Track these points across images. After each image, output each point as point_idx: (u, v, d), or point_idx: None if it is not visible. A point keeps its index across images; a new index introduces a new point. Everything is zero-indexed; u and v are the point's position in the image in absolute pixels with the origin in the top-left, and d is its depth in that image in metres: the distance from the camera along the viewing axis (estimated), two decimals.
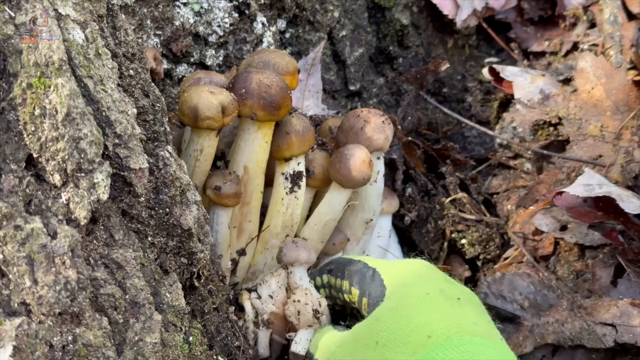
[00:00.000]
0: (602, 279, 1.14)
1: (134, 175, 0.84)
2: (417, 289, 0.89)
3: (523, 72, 1.48)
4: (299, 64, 1.33)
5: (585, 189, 1.16)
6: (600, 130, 1.33)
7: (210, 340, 0.95)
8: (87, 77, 0.80)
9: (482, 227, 1.30)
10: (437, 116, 1.53)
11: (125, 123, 0.83)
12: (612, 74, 1.36)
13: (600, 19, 1.49)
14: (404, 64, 1.50)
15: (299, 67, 1.32)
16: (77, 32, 0.81)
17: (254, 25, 1.27)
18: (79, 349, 0.74)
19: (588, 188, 1.16)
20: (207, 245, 0.95)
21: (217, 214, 1.07)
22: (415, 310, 0.85)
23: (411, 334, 0.83)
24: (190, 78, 1.08)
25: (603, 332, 1.05)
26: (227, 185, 1.04)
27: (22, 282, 0.70)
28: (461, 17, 1.51)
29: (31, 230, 0.71)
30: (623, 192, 1.15)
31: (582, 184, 1.17)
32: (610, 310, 1.07)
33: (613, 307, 1.07)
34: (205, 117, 0.98)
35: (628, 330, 1.03)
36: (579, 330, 1.07)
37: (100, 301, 0.78)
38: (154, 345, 0.81)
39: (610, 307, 1.07)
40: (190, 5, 1.20)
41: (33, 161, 0.75)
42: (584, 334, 1.06)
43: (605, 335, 1.05)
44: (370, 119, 1.10)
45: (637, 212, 1.12)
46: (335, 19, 1.38)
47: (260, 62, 1.06)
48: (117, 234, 0.83)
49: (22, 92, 0.74)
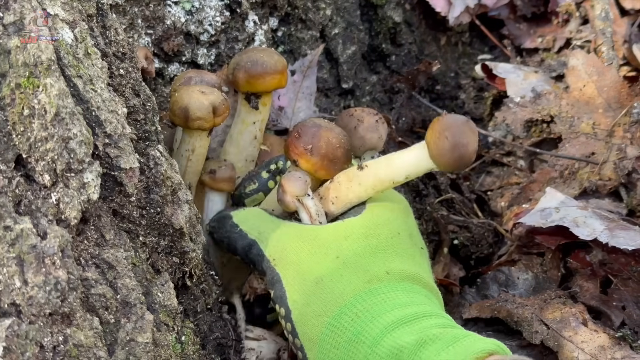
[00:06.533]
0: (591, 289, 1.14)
1: (125, 174, 0.84)
2: (391, 226, 0.94)
3: (516, 69, 1.48)
4: (295, 65, 1.33)
5: (542, 216, 1.15)
6: (593, 128, 1.33)
7: (203, 340, 0.95)
8: (76, 76, 0.80)
9: (473, 226, 1.30)
10: (430, 114, 1.53)
11: (116, 122, 0.83)
12: (603, 71, 1.36)
13: (592, 15, 1.49)
14: (397, 62, 1.50)
15: (295, 69, 1.32)
16: (66, 31, 0.81)
17: (246, 23, 1.27)
18: (69, 350, 0.74)
19: (545, 214, 1.15)
20: (199, 245, 0.95)
21: (212, 200, 1.07)
22: (383, 245, 0.91)
23: (372, 265, 0.88)
24: (181, 77, 1.08)
25: (536, 330, 1.05)
26: (222, 169, 1.05)
27: (12, 282, 0.70)
28: (454, 14, 1.51)
29: (21, 230, 0.71)
30: (581, 214, 1.15)
31: (540, 209, 1.17)
32: (555, 313, 1.07)
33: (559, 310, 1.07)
34: (196, 117, 0.98)
35: (555, 337, 1.04)
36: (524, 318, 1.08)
37: (91, 301, 0.78)
38: (145, 345, 0.81)
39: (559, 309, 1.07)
40: (182, 4, 1.19)
41: (22, 161, 0.75)
42: (524, 324, 1.07)
43: (537, 333, 1.05)
44: (364, 118, 1.10)
45: (590, 238, 1.11)
46: (327, 17, 1.38)
47: (248, 61, 1.06)
48: (108, 233, 0.83)
49: (10, 92, 0.73)
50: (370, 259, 0.89)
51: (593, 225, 1.13)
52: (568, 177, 1.32)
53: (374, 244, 0.91)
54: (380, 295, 0.85)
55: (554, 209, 1.16)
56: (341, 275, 0.88)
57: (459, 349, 0.75)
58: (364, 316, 0.83)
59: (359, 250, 0.90)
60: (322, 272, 0.89)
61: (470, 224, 1.31)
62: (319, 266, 0.89)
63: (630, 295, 1.11)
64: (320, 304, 0.87)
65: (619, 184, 1.27)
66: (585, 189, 1.28)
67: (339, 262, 0.89)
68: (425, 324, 0.81)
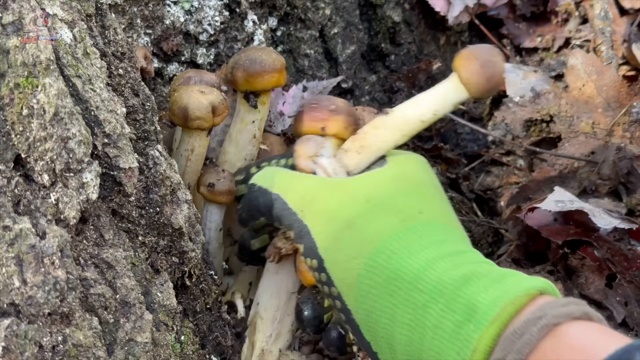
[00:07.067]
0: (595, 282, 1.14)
1: (124, 174, 0.84)
2: (417, 176, 0.93)
3: (515, 69, 1.48)
4: (310, 84, 1.33)
5: (557, 205, 1.15)
6: (592, 127, 1.33)
7: (202, 340, 0.95)
8: (75, 76, 0.80)
9: (473, 226, 1.30)
10: None
11: (115, 122, 0.83)
12: (602, 70, 1.36)
13: (592, 15, 1.50)
14: (396, 61, 1.50)
15: (308, 87, 1.32)
16: (65, 31, 0.81)
17: (245, 23, 1.27)
18: (69, 349, 0.74)
19: (560, 204, 1.16)
20: (198, 244, 0.95)
21: (211, 211, 1.06)
22: (414, 190, 0.90)
23: (405, 206, 0.87)
24: (180, 77, 1.08)
25: None
26: (221, 182, 1.04)
27: (11, 282, 0.70)
28: (453, 13, 1.51)
29: (20, 230, 0.71)
30: (595, 209, 1.15)
31: (554, 200, 1.17)
32: None
33: None
34: (195, 117, 0.98)
35: None
36: None
37: (90, 301, 0.78)
38: (145, 345, 0.81)
39: None
40: (181, 4, 1.20)
41: (21, 161, 0.75)
42: None
43: None
44: (365, 117, 1.10)
45: (609, 227, 1.11)
46: (326, 17, 1.38)
47: (247, 60, 1.05)
48: (107, 233, 0.83)
49: (9, 92, 0.73)
50: (402, 200, 0.88)
51: (608, 219, 1.13)
52: (567, 176, 1.32)
53: (404, 187, 0.90)
54: (416, 232, 0.83)
55: (568, 201, 1.16)
56: (374, 216, 0.85)
57: (507, 286, 0.72)
58: (402, 253, 0.81)
59: (390, 192, 0.88)
60: (353, 215, 0.86)
61: (470, 223, 1.31)
62: (349, 211, 0.87)
63: (633, 293, 1.11)
64: (354, 246, 0.84)
65: (619, 184, 1.27)
66: (584, 188, 1.28)
67: (370, 204, 0.87)
68: (467, 259, 0.79)
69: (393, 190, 0.89)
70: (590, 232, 1.14)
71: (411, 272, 0.78)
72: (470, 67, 0.89)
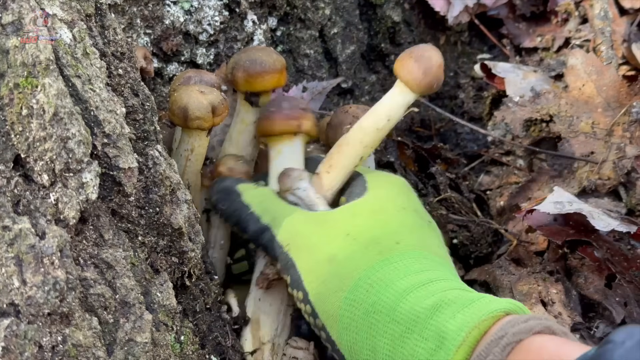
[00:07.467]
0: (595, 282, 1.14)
1: (124, 174, 0.84)
2: (395, 202, 0.95)
3: (515, 69, 1.48)
4: (310, 85, 1.34)
5: (556, 207, 1.15)
6: (592, 127, 1.33)
7: (202, 340, 0.95)
8: (74, 76, 0.80)
9: (472, 226, 1.30)
10: (429, 113, 1.53)
11: (114, 122, 0.83)
12: (602, 70, 1.36)
13: (591, 15, 1.50)
14: None
15: (308, 87, 1.33)
16: (65, 31, 0.81)
17: (245, 23, 1.27)
18: (68, 350, 0.74)
19: (558, 206, 1.16)
20: (198, 245, 0.95)
21: None
22: (391, 219, 0.92)
23: (383, 237, 0.89)
24: (180, 77, 1.08)
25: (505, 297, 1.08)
26: (240, 164, 1.07)
27: (11, 282, 0.70)
28: (453, 13, 1.51)
29: (19, 230, 0.71)
30: (594, 210, 1.15)
31: (552, 201, 1.17)
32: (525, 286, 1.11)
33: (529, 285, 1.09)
34: (195, 117, 0.98)
35: None
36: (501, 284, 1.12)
37: (90, 301, 0.78)
38: (144, 345, 0.81)
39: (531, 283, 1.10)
40: (180, 4, 1.20)
41: (21, 161, 0.75)
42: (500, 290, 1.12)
43: None
44: (359, 115, 1.10)
45: (607, 229, 1.11)
46: (326, 17, 1.38)
47: (247, 60, 1.06)
48: (107, 233, 0.83)
49: (9, 92, 0.73)
50: (380, 231, 0.90)
51: (607, 220, 1.13)
52: (567, 176, 1.32)
53: (382, 218, 0.92)
54: (392, 264, 0.85)
55: (566, 202, 1.17)
56: (353, 250, 0.89)
57: (474, 309, 0.74)
58: (378, 286, 0.83)
59: (368, 225, 0.91)
60: (334, 250, 0.90)
61: (469, 223, 1.31)
62: (330, 245, 0.90)
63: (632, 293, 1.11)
64: (335, 281, 0.87)
65: (618, 183, 1.27)
66: (584, 188, 1.28)
67: (349, 238, 0.90)
68: (439, 287, 0.81)
69: (371, 223, 0.92)
70: (590, 232, 1.14)
71: (387, 305, 0.81)
72: (407, 66, 0.94)
